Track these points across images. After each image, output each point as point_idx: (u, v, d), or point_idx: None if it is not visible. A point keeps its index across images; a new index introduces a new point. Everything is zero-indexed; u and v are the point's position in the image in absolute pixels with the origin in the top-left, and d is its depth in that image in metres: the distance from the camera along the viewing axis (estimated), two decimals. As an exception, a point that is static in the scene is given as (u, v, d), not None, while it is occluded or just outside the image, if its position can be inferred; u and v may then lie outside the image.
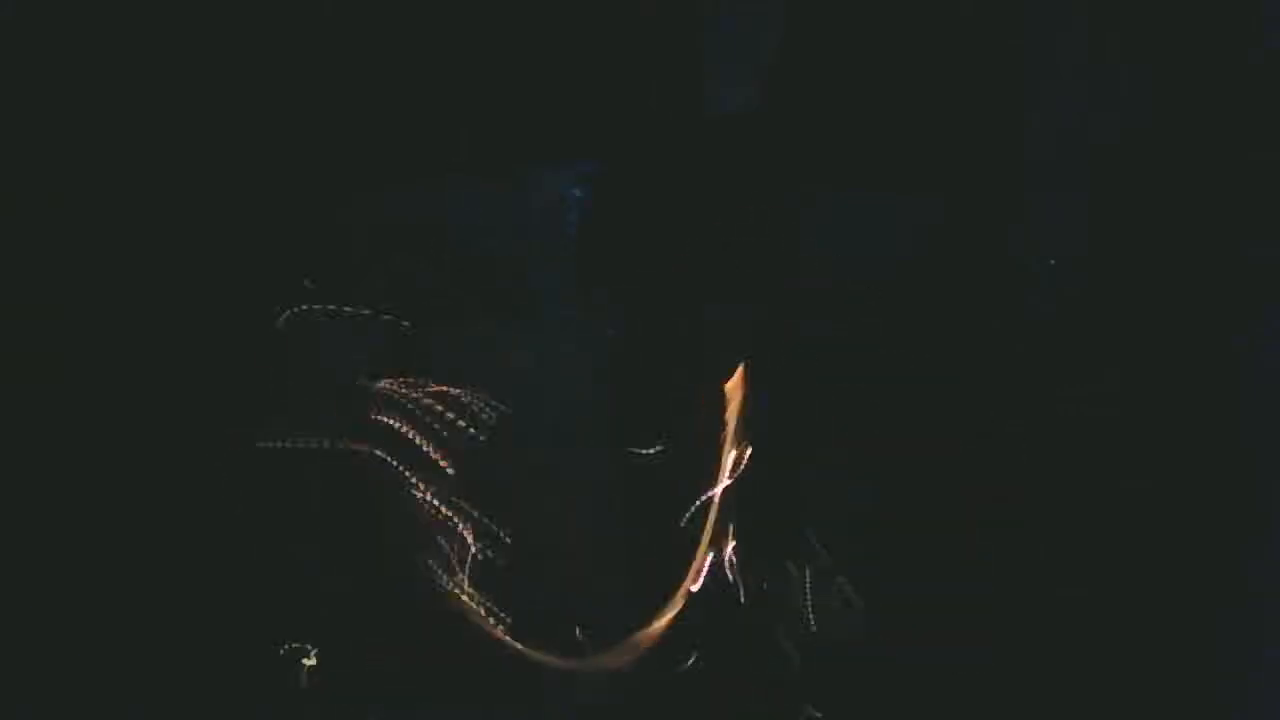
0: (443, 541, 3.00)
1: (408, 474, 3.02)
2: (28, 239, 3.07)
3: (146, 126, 3.12)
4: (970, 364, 3.15)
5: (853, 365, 3.13)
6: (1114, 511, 3.07)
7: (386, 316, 3.08)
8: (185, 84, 3.13)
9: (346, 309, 3.08)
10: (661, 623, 3.00)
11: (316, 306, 3.05)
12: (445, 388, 3.06)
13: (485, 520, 3.02)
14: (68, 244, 3.08)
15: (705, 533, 3.02)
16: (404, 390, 3.07)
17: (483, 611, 2.98)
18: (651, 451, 3.09)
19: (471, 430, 3.04)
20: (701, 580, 3.02)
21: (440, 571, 2.99)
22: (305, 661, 2.98)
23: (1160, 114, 3.17)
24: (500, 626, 2.98)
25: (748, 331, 3.16)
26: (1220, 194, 3.14)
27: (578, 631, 3.01)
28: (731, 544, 3.05)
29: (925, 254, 3.21)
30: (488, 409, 3.05)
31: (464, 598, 2.98)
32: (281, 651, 2.98)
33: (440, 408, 3.05)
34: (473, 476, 3.03)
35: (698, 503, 3.04)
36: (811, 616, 3.06)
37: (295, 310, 3.06)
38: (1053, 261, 3.20)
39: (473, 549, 3.00)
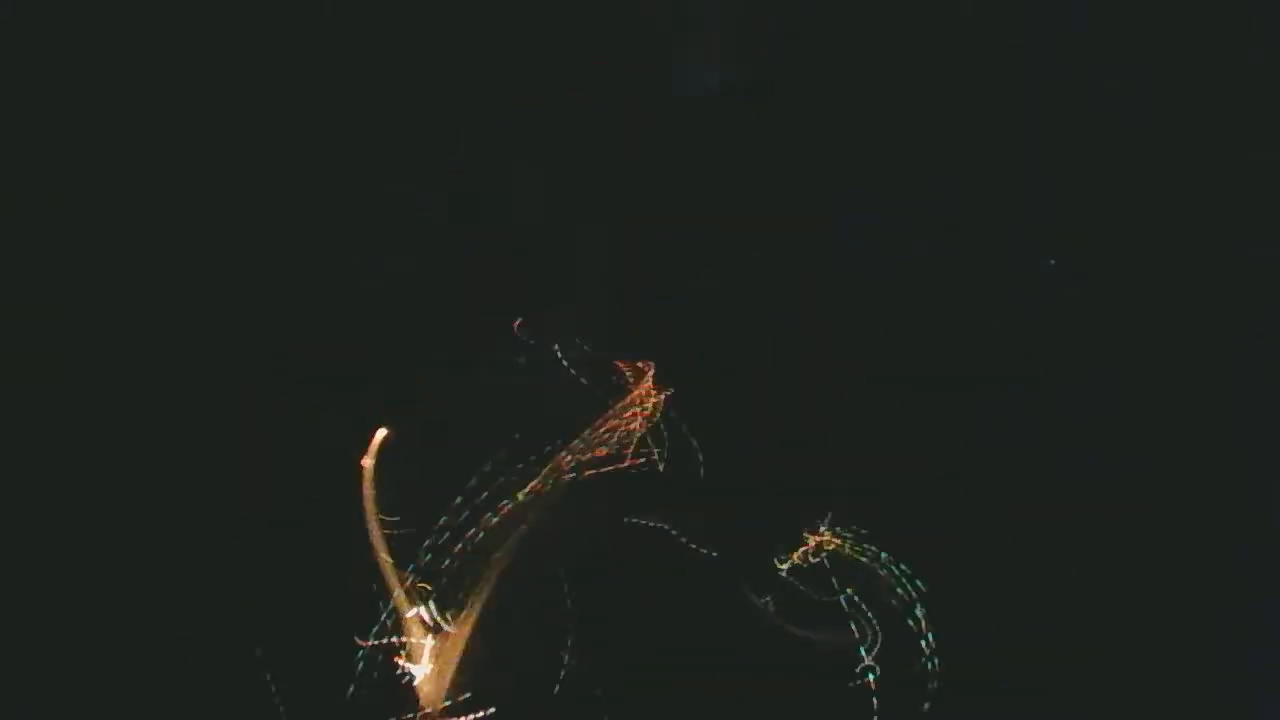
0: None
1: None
2: (28, 239, 3.07)
3: (146, 127, 3.12)
4: (969, 363, 3.15)
5: (851, 363, 3.13)
6: (1114, 511, 3.07)
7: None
8: (185, 84, 3.13)
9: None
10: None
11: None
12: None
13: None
14: (68, 244, 3.09)
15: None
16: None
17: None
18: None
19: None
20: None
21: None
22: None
23: (1160, 114, 3.17)
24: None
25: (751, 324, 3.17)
26: (1220, 194, 3.14)
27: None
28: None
29: (925, 253, 3.21)
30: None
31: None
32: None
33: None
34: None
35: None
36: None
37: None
38: (1053, 261, 3.20)
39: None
